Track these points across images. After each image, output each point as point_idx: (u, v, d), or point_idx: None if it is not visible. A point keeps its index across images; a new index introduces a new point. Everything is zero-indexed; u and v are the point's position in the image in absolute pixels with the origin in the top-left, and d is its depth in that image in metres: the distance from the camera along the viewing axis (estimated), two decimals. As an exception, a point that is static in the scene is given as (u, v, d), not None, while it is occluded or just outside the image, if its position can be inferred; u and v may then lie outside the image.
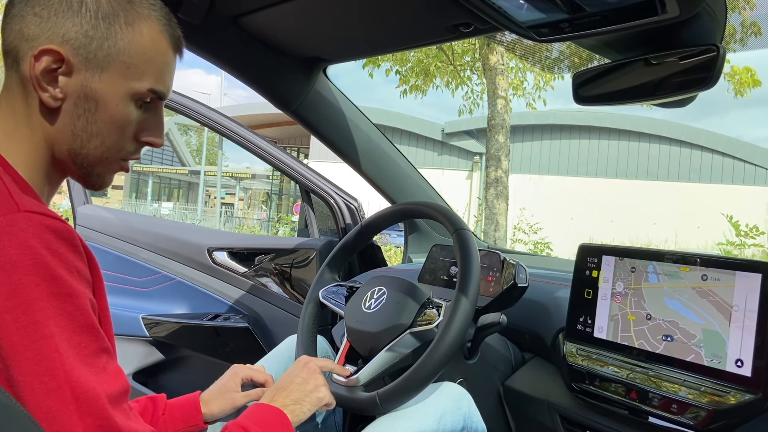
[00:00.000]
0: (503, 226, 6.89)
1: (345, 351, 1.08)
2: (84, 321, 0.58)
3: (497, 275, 1.15)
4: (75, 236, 0.60)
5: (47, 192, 0.69)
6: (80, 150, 0.67)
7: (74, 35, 0.63)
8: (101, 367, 0.59)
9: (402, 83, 7.88)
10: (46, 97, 0.64)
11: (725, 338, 0.88)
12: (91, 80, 0.65)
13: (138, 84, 0.67)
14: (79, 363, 0.56)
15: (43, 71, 0.63)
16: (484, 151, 10.18)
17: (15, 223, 0.55)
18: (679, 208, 13.69)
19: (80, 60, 0.64)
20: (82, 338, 0.57)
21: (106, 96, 0.66)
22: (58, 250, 0.57)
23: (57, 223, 0.58)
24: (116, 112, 0.67)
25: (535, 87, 7.92)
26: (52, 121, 0.65)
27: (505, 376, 1.24)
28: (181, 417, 0.95)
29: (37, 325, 0.54)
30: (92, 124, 0.66)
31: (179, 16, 1.12)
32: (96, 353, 0.59)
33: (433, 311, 1.03)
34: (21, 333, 0.54)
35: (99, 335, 0.60)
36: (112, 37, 0.65)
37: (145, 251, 1.88)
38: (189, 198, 31.82)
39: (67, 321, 0.56)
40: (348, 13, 1.13)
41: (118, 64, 0.66)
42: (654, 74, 0.94)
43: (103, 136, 0.68)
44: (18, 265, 0.54)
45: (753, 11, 2.14)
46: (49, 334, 0.55)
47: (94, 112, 0.66)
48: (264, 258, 1.83)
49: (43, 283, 0.55)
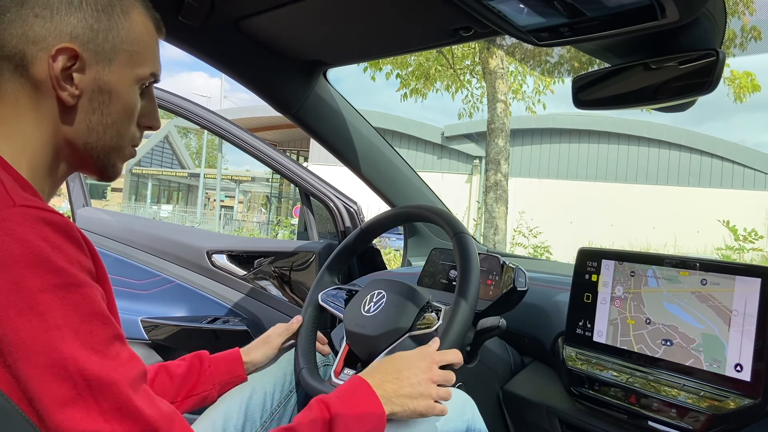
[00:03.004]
0: (503, 229, 6.88)
1: (344, 354, 1.08)
2: (91, 309, 0.58)
3: (497, 279, 1.15)
4: (73, 228, 0.59)
5: (48, 189, 0.69)
6: (96, 143, 0.69)
7: (81, 31, 0.64)
8: (114, 354, 0.58)
9: (402, 87, 7.89)
10: (66, 96, 0.65)
11: (725, 343, 0.88)
12: (102, 73, 0.66)
13: (141, 70, 0.70)
14: (89, 352, 0.56)
15: (62, 70, 0.63)
16: (483, 155, 10.18)
17: (11, 218, 0.55)
18: (678, 213, 13.69)
19: (90, 54, 0.65)
20: (91, 327, 0.57)
21: (118, 87, 0.68)
22: (56, 242, 0.57)
23: (54, 216, 0.58)
24: (127, 101, 0.69)
25: (535, 91, 7.92)
26: (69, 119, 0.66)
27: (505, 380, 1.24)
28: (225, 369, 1.03)
29: (42, 317, 0.54)
30: (107, 116, 0.68)
31: (180, 19, 1.13)
32: (108, 341, 0.58)
33: (433, 315, 1.03)
34: (27, 326, 0.53)
35: (109, 322, 0.59)
36: (115, 27, 0.67)
37: (145, 254, 1.88)
38: (188, 201, 31.81)
39: (73, 311, 0.56)
40: (348, 17, 1.13)
41: (123, 54, 0.68)
42: (654, 79, 0.94)
43: (117, 126, 0.69)
44: (18, 258, 0.54)
45: (753, 16, 2.15)
46: (55, 325, 0.54)
47: (108, 104, 0.68)
48: (263, 261, 1.83)
49: (45, 275, 0.55)
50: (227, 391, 1.03)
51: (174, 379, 0.98)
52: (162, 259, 1.87)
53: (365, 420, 0.79)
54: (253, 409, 1.03)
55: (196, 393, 0.99)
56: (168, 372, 0.99)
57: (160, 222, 2.61)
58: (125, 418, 0.57)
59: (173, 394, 0.98)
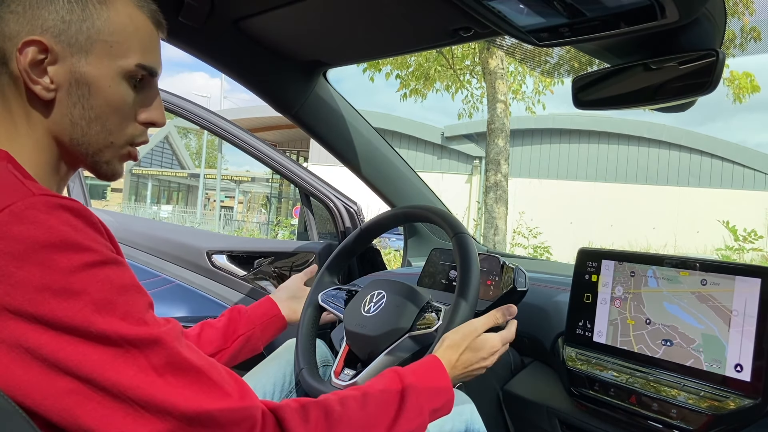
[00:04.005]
0: (503, 230, 6.89)
1: (344, 354, 1.08)
2: (123, 282, 0.58)
3: (497, 279, 1.15)
4: (92, 215, 0.60)
5: (55, 188, 0.70)
6: (82, 138, 0.68)
7: (52, 23, 0.64)
8: (153, 319, 0.60)
9: (402, 87, 7.89)
10: (39, 90, 0.64)
11: (725, 343, 0.88)
12: (79, 65, 0.65)
13: (125, 61, 0.68)
14: (129, 322, 0.57)
15: (30, 63, 0.63)
16: (483, 155, 10.18)
17: (33, 206, 0.56)
18: (678, 213, 13.69)
19: (63, 46, 0.64)
20: (127, 297, 0.58)
21: (98, 78, 0.66)
22: (78, 225, 0.57)
23: (73, 203, 0.59)
24: (110, 93, 0.68)
25: (535, 91, 7.93)
26: (49, 113, 0.66)
27: (504, 380, 1.24)
28: (263, 311, 1.17)
29: (78, 295, 0.54)
30: (89, 110, 0.67)
31: (180, 19, 1.13)
32: (146, 308, 0.60)
33: (433, 315, 1.03)
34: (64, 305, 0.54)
35: (143, 291, 0.60)
36: (89, 18, 0.65)
37: (144, 254, 1.88)
38: (188, 201, 31.81)
39: (108, 285, 0.57)
40: (348, 17, 1.13)
41: (101, 44, 0.66)
42: (653, 79, 0.94)
43: (102, 120, 0.68)
44: (45, 243, 0.54)
45: (753, 17, 2.15)
46: (92, 301, 0.55)
47: (89, 97, 0.67)
48: (263, 261, 1.83)
49: (74, 255, 0.55)
50: (269, 332, 1.16)
51: (218, 330, 1.10)
52: (162, 260, 1.87)
53: (436, 397, 0.83)
54: (252, 409, 1.03)
55: (241, 334, 1.11)
56: (211, 326, 1.11)
57: (160, 222, 2.61)
58: (177, 369, 0.58)
59: (221, 341, 1.09)
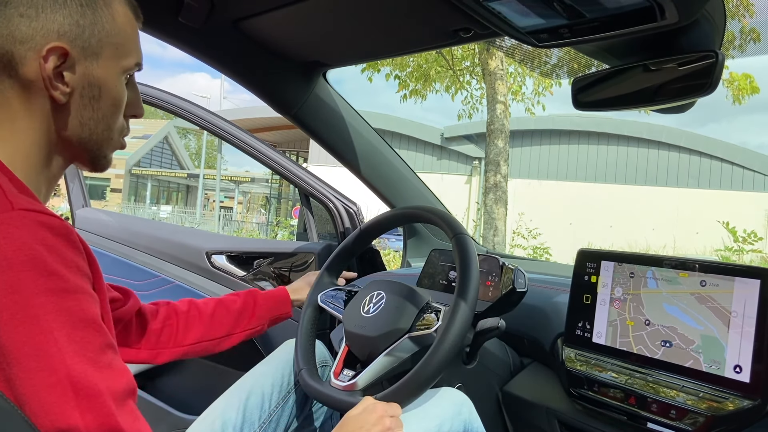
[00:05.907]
0: (502, 230, 6.88)
1: (343, 355, 1.08)
2: (84, 316, 0.57)
3: (496, 280, 1.15)
4: (72, 232, 0.59)
5: (45, 188, 0.69)
6: (89, 137, 0.69)
7: (68, 28, 0.64)
8: (106, 363, 0.58)
9: (402, 88, 7.89)
10: (58, 95, 0.65)
11: (724, 344, 0.88)
12: (91, 68, 0.66)
13: (126, 61, 0.70)
14: (80, 359, 0.55)
15: (53, 69, 0.63)
16: (483, 156, 10.18)
17: (10, 221, 0.55)
18: (677, 214, 13.70)
19: (78, 51, 0.65)
20: (84, 333, 0.57)
21: (107, 80, 0.68)
22: (54, 246, 0.56)
23: (52, 220, 0.58)
24: (116, 93, 0.70)
25: (534, 92, 7.92)
26: (61, 117, 0.67)
27: (504, 381, 1.24)
28: (275, 306, 1.21)
29: (36, 320, 0.54)
30: (98, 111, 0.68)
31: (180, 20, 1.13)
32: (100, 349, 0.58)
33: (432, 316, 1.02)
34: (20, 329, 0.53)
35: (102, 331, 0.59)
36: (99, 21, 0.66)
37: (144, 254, 1.88)
38: (188, 201, 31.78)
39: (66, 316, 0.56)
40: (348, 18, 1.13)
41: (109, 47, 0.68)
42: (653, 80, 0.94)
43: (107, 119, 0.70)
44: (14, 261, 0.54)
45: (752, 18, 2.15)
46: (48, 329, 0.54)
47: (99, 98, 0.68)
48: (263, 262, 1.82)
49: (40, 278, 0.54)
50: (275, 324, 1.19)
51: (231, 313, 1.14)
52: (161, 260, 1.87)
53: None
54: (251, 410, 1.03)
55: (250, 327, 1.16)
56: (225, 306, 1.14)
57: (160, 222, 2.61)
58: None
59: (230, 326, 1.13)
